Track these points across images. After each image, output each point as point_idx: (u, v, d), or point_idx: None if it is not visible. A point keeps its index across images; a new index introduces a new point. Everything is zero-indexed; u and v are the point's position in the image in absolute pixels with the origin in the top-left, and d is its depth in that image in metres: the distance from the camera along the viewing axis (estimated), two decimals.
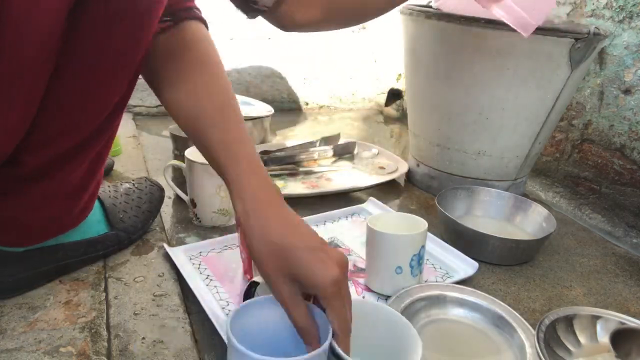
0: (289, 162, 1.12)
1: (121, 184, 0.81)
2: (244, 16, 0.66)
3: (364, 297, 0.70)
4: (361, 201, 1.04)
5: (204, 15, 0.64)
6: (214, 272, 0.72)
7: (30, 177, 0.55)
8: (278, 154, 1.12)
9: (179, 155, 0.94)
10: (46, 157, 0.54)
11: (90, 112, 0.55)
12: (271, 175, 1.09)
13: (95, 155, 0.60)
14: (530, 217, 0.94)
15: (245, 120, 1.20)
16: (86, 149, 0.58)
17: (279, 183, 1.05)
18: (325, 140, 1.23)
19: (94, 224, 0.70)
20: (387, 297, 0.69)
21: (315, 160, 1.16)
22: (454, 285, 0.72)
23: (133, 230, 0.75)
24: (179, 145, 0.94)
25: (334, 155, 1.20)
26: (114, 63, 0.52)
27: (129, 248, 0.75)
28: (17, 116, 0.47)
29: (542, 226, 0.91)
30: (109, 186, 0.79)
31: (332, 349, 0.48)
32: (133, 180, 0.83)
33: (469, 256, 0.81)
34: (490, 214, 0.98)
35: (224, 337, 0.50)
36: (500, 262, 0.84)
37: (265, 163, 1.06)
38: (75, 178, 0.60)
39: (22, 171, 0.54)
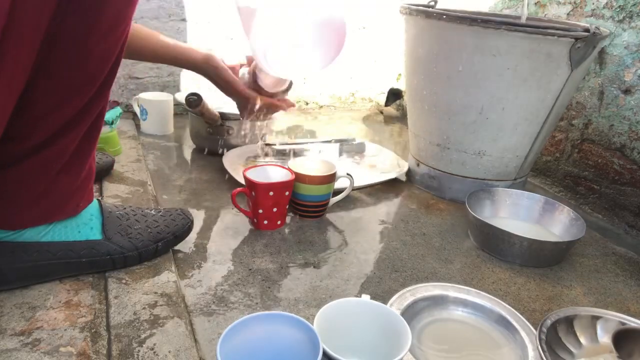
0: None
1: (146, 208, 0.77)
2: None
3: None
4: (361, 201, 1.04)
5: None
6: None
7: (30, 150, 0.58)
8: (280, 147, 1.14)
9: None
10: (48, 129, 0.57)
11: (86, 79, 0.58)
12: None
13: (87, 127, 0.62)
14: (559, 220, 0.95)
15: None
16: (81, 120, 0.60)
17: None
18: (340, 142, 1.25)
19: (83, 228, 0.68)
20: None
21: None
22: (457, 285, 0.72)
23: (130, 247, 0.69)
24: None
25: (341, 154, 1.22)
26: (102, 35, 0.55)
27: None
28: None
29: (570, 229, 0.92)
30: (130, 206, 0.75)
31: (325, 353, 0.48)
32: (163, 208, 0.79)
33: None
34: (518, 216, 0.98)
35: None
36: (526, 263, 0.85)
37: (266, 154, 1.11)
38: (69, 150, 0.61)
39: (24, 145, 0.57)
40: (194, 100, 1.01)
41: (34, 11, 0.46)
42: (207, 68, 0.91)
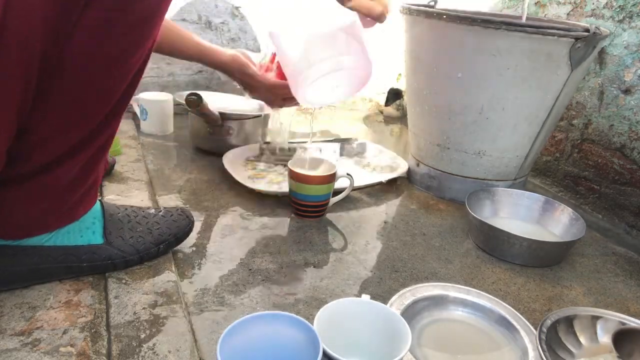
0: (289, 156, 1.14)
1: (148, 208, 0.76)
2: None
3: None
4: (361, 201, 1.04)
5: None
6: None
7: (31, 172, 0.57)
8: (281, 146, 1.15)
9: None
10: (50, 154, 0.57)
11: (88, 112, 0.57)
12: (270, 169, 1.11)
13: (94, 151, 0.61)
14: (559, 220, 0.95)
15: (245, 119, 1.21)
16: (85, 147, 0.59)
17: (277, 178, 1.06)
18: (340, 142, 1.26)
19: (85, 232, 0.67)
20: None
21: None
22: (457, 285, 0.72)
23: (131, 251, 0.69)
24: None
25: (342, 154, 1.23)
26: (110, 67, 0.54)
27: None
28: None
29: (570, 229, 0.92)
30: (132, 207, 0.75)
31: (325, 353, 0.48)
32: (164, 207, 0.78)
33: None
34: (518, 216, 0.98)
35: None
36: (526, 263, 0.85)
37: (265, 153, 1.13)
38: (73, 172, 0.61)
39: (26, 167, 0.56)
40: (194, 100, 1.01)
41: (22, 38, 0.45)
42: (233, 66, 0.95)
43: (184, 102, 1.04)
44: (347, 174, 0.94)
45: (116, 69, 0.55)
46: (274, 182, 1.04)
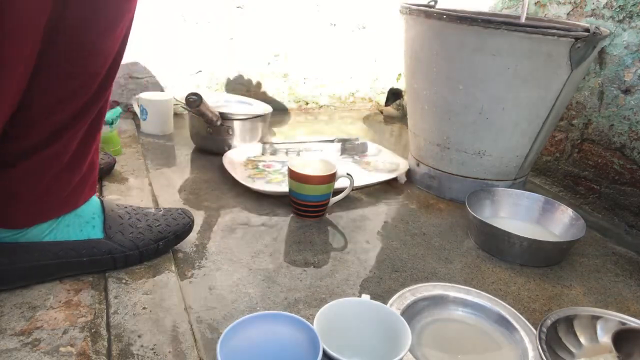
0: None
1: (148, 208, 0.76)
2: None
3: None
4: (361, 201, 1.04)
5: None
6: None
7: (30, 150, 0.58)
8: (283, 145, 1.15)
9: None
10: (46, 129, 0.57)
11: (82, 81, 0.58)
12: (270, 168, 1.11)
13: (88, 126, 0.62)
14: (559, 220, 0.95)
15: (245, 119, 1.21)
16: (81, 119, 0.60)
17: (277, 178, 1.06)
18: (342, 142, 1.26)
19: (85, 227, 0.67)
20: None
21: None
22: (457, 285, 0.72)
23: (131, 246, 0.69)
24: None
25: (342, 153, 1.23)
26: (102, 31, 0.56)
27: None
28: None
29: (570, 229, 0.92)
30: (132, 206, 0.75)
31: (325, 353, 0.48)
32: (163, 207, 0.78)
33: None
34: (518, 216, 0.98)
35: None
36: (526, 263, 0.85)
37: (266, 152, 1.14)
38: (71, 148, 0.61)
39: (23, 145, 0.57)
40: (194, 100, 1.01)
41: (32, 11, 0.46)
42: None
43: (184, 102, 1.04)
44: (347, 174, 0.94)
45: (106, 36, 0.56)
46: (274, 182, 1.05)
